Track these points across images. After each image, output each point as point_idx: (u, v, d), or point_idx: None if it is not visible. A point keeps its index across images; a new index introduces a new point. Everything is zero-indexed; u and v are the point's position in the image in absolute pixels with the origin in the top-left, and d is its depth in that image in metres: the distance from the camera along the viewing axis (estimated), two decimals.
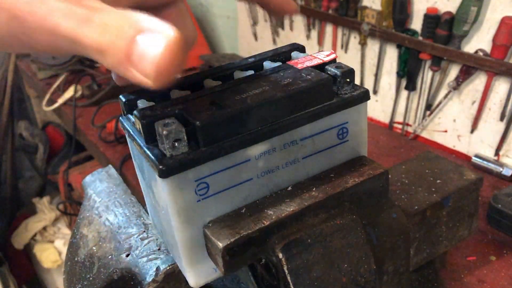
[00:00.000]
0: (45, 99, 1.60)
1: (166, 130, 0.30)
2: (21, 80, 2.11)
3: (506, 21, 0.88)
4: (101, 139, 1.29)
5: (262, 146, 0.34)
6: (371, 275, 0.36)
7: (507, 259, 0.75)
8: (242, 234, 0.32)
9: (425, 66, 1.08)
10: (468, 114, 1.04)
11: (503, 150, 0.99)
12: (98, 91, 1.49)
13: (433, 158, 0.61)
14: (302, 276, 0.34)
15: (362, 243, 0.36)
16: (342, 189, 0.36)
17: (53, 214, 2.01)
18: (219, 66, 0.40)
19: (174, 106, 0.33)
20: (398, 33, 1.08)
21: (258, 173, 0.35)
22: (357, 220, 0.37)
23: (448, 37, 0.98)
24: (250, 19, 1.58)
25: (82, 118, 1.45)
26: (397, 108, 1.20)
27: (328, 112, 0.36)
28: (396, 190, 0.55)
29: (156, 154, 0.31)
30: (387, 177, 0.38)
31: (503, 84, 0.95)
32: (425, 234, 0.54)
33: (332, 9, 1.23)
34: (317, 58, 0.38)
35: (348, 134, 0.38)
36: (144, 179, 0.37)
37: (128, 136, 0.36)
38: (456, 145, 1.09)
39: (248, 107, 0.32)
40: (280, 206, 0.35)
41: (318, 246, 0.34)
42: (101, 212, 0.46)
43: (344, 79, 0.36)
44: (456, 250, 0.76)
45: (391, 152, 1.12)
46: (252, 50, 1.67)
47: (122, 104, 0.36)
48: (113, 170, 0.52)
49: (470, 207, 0.58)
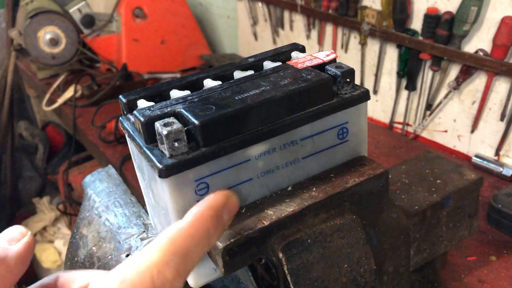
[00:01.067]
0: (45, 99, 1.59)
1: (166, 130, 0.30)
2: (21, 80, 2.11)
3: (506, 21, 0.88)
4: (101, 139, 1.29)
5: (262, 146, 0.34)
6: (371, 275, 0.36)
7: (507, 259, 0.75)
8: (242, 234, 0.32)
9: (425, 66, 1.08)
10: (468, 114, 1.04)
11: (503, 150, 0.99)
12: (98, 91, 1.49)
13: (433, 158, 0.61)
14: (302, 276, 0.34)
15: (362, 243, 0.36)
16: (342, 189, 0.36)
17: (53, 214, 2.01)
18: (219, 66, 0.40)
19: (174, 106, 0.33)
20: (398, 33, 1.08)
21: (258, 173, 0.35)
22: (357, 220, 0.37)
23: (448, 37, 0.98)
24: (250, 19, 1.58)
25: (82, 118, 1.44)
26: (397, 108, 1.20)
27: (328, 112, 0.36)
28: (396, 190, 0.55)
29: (156, 154, 0.31)
30: (387, 177, 0.38)
31: (503, 84, 0.95)
32: (425, 234, 0.54)
33: (332, 9, 1.23)
34: (317, 58, 0.38)
35: (348, 134, 0.38)
36: (144, 179, 0.37)
37: (128, 136, 0.36)
38: (456, 145, 1.09)
39: (248, 107, 0.32)
40: (280, 206, 0.35)
41: (318, 246, 0.34)
42: (101, 212, 0.46)
43: (344, 79, 0.36)
44: (456, 250, 0.76)
45: (391, 152, 1.12)
46: (252, 50, 1.66)
47: (122, 104, 0.36)
48: (113, 170, 0.52)
49: (470, 207, 0.58)
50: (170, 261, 0.26)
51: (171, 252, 0.27)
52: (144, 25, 1.65)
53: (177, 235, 0.28)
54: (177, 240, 0.27)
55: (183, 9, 1.72)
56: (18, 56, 1.97)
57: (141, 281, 0.25)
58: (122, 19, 1.62)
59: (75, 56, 1.64)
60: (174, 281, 0.26)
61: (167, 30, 1.69)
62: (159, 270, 0.26)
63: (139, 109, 0.33)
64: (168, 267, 0.26)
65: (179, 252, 0.27)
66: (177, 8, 1.70)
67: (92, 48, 1.67)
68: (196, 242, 0.28)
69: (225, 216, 0.31)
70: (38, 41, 1.57)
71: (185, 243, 0.27)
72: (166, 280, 0.26)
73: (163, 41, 1.69)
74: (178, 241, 0.27)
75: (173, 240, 0.27)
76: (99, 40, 1.66)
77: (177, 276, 0.26)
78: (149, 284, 0.25)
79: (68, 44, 1.61)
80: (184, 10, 1.72)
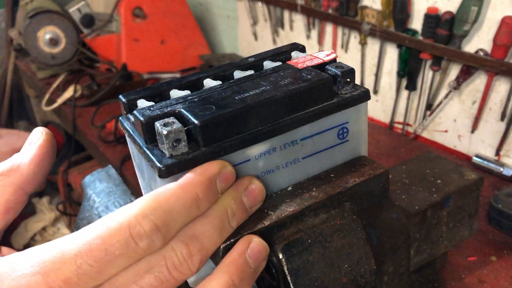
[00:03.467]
0: (44, 99, 1.59)
1: (166, 130, 0.30)
2: (20, 80, 2.11)
3: (506, 20, 0.88)
4: (100, 139, 1.29)
5: (262, 146, 0.34)
6: (371, 276, 0.36)
7: (507, 259, 0.75)
8: (242, 235, 0.32)
9: (425, 66, 1.08)
10: (469, 114, 1.04)
11: (503, 150, 0.99)
12: (98, 91, 1.49)
13: (433, 158, 0.61)
14: (302, 277, 0.33)
15: (362, 243, 0.36)
16: (342, 189, 0.36)
17: (53, 214, 2.01)
18: (219, 66, 0.40)
19: (174, 106, 0.33)
20: (399, 33, 1.08)
21: (258, 173, 0.35)
22: (357, 220, 0.36)
23: (448, 37, 0.98)
24: (250, 19, 1.58)
25: (81, 118, 1.44)
26: (397, 108, 1.20)
27: (328, 112, 0.36)
28: (396, 190, 0.55)
29: (156, 154, 0.31)
30: (387, 177, 0.38)
31: (504, 84, 0.95)
32: (426, 234, 0.53)
33: (332, 8, 1.23)
34: (317, 58, 0.38)
35: (349, 134, 0.38)
36: (144, 179, 0.37)
37: (127, 136, 0.36)
38: (457, 145, 1.09)
39: (248, 107, 0.32)
40: (280, 206, 0.35)
41: (318, 246, 0.34)
42: (101, 213, 0.46)
43: (345, 79, 0.36)
44: (457, 250, 0.76)
45: (392, 152, 1.12)
46: (252, 50, 1.66)
47: (122, 104, 0.36)
48: (113, 170, 0.52)
49: (470, 207, 0.58)
50: (149, 214, 0.27)
51: (152, 207, 0.27)
52: (144, 25, 1.65)
53: (162, 193, 0.28)
54: (161, 197, 0.28)
55: (183, 9, 1.72)
56: (18, 56, 1.97)
57: (119, 228, 0.26)
58: (122, 19, 1.62)
59: (75, 56, 1.64)
60: (152, 234, 0.26)
61: (167, 30, 1.69)
62: (137, 220, 0.26)
63: (139, 109, 0.33)
64: (147, 219, 0.26)
65: (161, 208, 0.27)
66: (177, 8, 1.70)
67: (92, 48, 1.67)
68: (181, 203, 0.28)
69: (220, 184, 0.30)
70: (37, 41, 1.57)
71: (168, 201, 0.28)
72: (143, 232, 0.26)
73: (163, 41, 1.69)
74: (162, 198, 0.28)
75: (156, 196, 0.28)
76: (99, 40, 1.66)
77: (155, 230, 0.27)
78: (126, 232, 0.26)
79: (67, 44, 1.61)
80: (184, 10, 1.72)
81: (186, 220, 0.29)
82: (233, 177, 0.32)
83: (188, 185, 0.29)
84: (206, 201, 0.30)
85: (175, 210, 0.28)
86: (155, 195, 0.28)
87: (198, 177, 0.29)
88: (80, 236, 0.26)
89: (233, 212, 0.31)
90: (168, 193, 0.28)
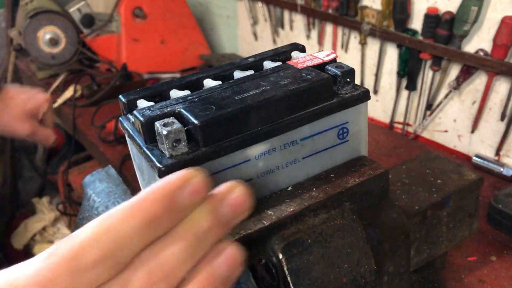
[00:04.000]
0: None
1: (166, 130, 0.30)
2: (20, 80, 2.11)
3: (506, 20, 0.88)
4: (100, 139, 1.29)
5: (262, 146, 0.34)
6: (371, 276, 0.36)
7: (507, 259, 0.75)
8: (242, 234, 0.32)
9: (425, 66, 1.08)
10: (469, 114, 1.04)
11: (503, 150, 0.99)
12: (98, 91, 1.49)
13: (433, 158, 0.61)
14: (302, 277, 0.33)
15: (362, 243, 0.36)
16: (342, 189, 0.36)
17: (53, 214, 2.01)
18: (219, 66, 0.40)
19: (174, 106, 0.33)
20: (399, 33, 1.08)
21: (258, 173, 0.35)
22: (357, 221, 0.36)
23: (448, 37, 0.98)
24: (250, 18, 1.58)
25: (81, 118, 1.44)
26: (397, 108, 1.20)
27: (328, 112, 0.36)
28: (396, 190, 0.55)
29: (156, 154, 0.31)
30: (387, 177, 0.38)
31: (504, 84, 0.95)
32: (426, 234, 0.53)
33: (332, 8, 1.23)
34: (317, 58, 0.38)
35: (349, 134, 0.38)
36: (144, 179, 0.37)
37: (127, 136, 0.36)
38: (457, 145, 1.09)
39: (248, 107, 0.32)
40: (280, 206, 0.35)
41: (318, 246, 0.34)
42: (101, 213, 0.46)
43: (345, 79, 0.36)
44: (457, 250, 0.76)
45: (392, 152, 1.12)
46: (252, 50, 1.66)
47: (122, 104, 0.36)
48: (113, 170, 0.52)
49: (470, 207, 0.58)
50: (95, 242, 0.24)
51: (98, 233, 0.24)
52: (144, 25, 1.65)
53: (111, 215, 0.25)
54: (110, 220, 0.25)
55: (183, 9, 1.72)
56: (18, 56, 1.96)
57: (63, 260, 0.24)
58: (122, 19, 1.62)
59: (75, 56, 1.64)
60: (98, 265, 0.24)
61: (167, 30, 1.69)
62: (83, 249, 0.24)
63: (139, 109, 0.33)
64: (92, 248, 0.24)
65: (109, 233, 0.24)
66: (177, 8, 1.70)
67: (92, 48, 1.67)
68: (133, 225, 0.25)
69: (187, 198, 0.26)
70: (37, 41, 1.57)
71: (117, 225, 0.25)
72: (89, 262, 0.24)
73: (163, 41, 1.69)
74: (110, 222, 0.25)
75: (104, 220, 0.25)
76: (99, 40, 1.66)
77: (102, 260, 0.24)
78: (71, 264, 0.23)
79: (67, 44, 1.61)
80: (184, 10, 1.72)
81: (143, 244, 0.25)
82: (205, 187, 0.27)
83: (142, 203, 0.25)
84: (167, 219, 0.26)
85: (127, 234, 0.24)
86: (103, 219, 0.25)
87: (155, 192, 0.26)
88: (29, 266, 0.24)
89: (209, 227, 0.27)
90: (118, 215, 0.25)
